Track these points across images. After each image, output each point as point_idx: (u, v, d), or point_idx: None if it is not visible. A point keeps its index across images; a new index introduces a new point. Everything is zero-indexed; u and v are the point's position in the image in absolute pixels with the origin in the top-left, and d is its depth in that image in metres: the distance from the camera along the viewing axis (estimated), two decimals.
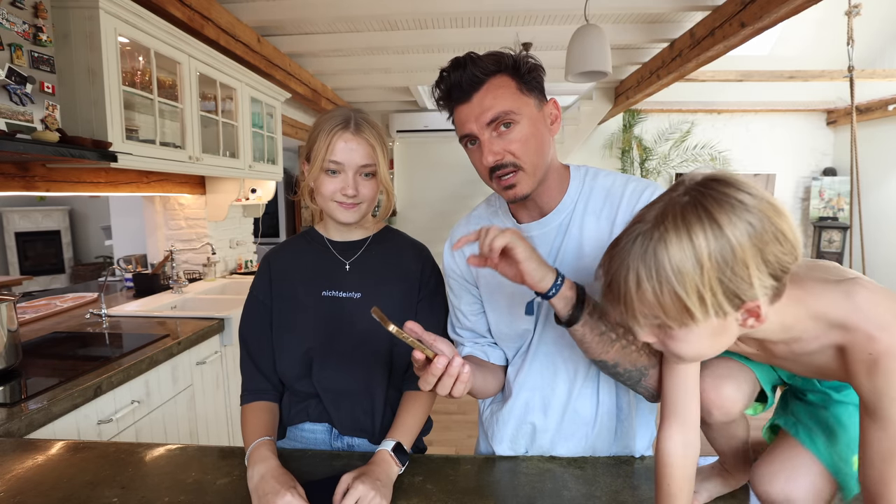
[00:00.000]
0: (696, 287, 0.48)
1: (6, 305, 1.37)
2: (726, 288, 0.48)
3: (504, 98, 0.76)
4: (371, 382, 0.95)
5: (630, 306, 0.52)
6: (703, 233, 0.48)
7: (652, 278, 0.49)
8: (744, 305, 0.50)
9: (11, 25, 1.38)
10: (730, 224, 0.47)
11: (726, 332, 0.54)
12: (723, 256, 0.47)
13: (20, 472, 0.84)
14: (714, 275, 0.48)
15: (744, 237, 0.47)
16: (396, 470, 0.82)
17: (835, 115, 6.31)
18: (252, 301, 1.00)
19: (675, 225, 0.49)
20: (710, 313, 0.49)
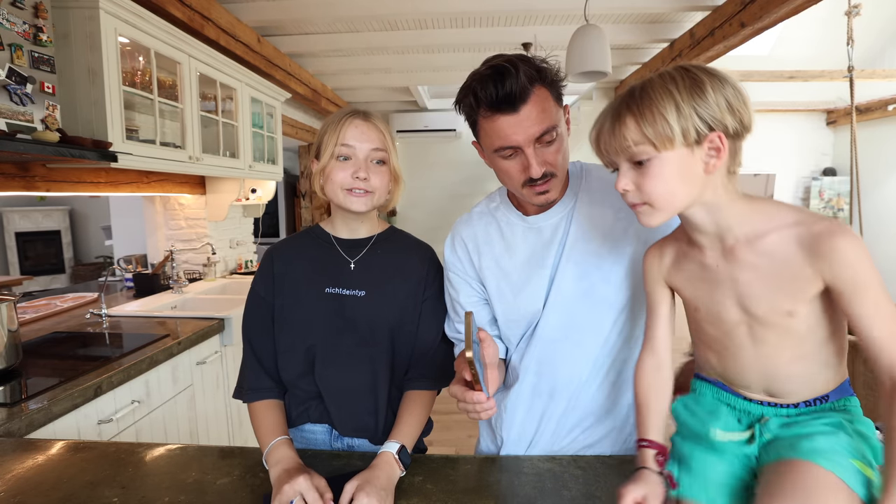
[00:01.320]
0: (676, 108, 0.59)
1: (6, 305, 1.37)
2: (699, 111, 0.59)
3: (548, 112, 0.78)
4: (374, 381, 0.95)
5: (618, 138, 0.62)
6: (681, 75, 0.61)
7: (640, 104, 0.61)
8: (710, 135, 0.60)
9: (12, 25, 1.38)
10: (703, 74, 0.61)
11: (691, 174, 0.62)
12: (697, 89, 0.60)
13: (20, 472, 0.84)
14: (688, 98, 0.59)
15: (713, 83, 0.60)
16: (399, 473, 0.81)
17: (835, 115, 6.32)
18: (254, 298, 0.99)
19: (659, 76, 0.62)
20: (685, 131, 0.59)
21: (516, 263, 0.90)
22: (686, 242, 0.71)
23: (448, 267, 0.98)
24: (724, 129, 0.61)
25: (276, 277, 0.97)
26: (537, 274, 0.88)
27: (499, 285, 0.92)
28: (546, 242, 0.89)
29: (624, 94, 0.64)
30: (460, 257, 0.96)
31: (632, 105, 0.61)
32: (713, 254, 0.67)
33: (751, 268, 0.64)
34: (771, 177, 6.50)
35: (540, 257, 0.89)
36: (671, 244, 0.75)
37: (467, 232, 0.97)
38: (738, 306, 0.66)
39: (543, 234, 0.89)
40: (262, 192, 3.21)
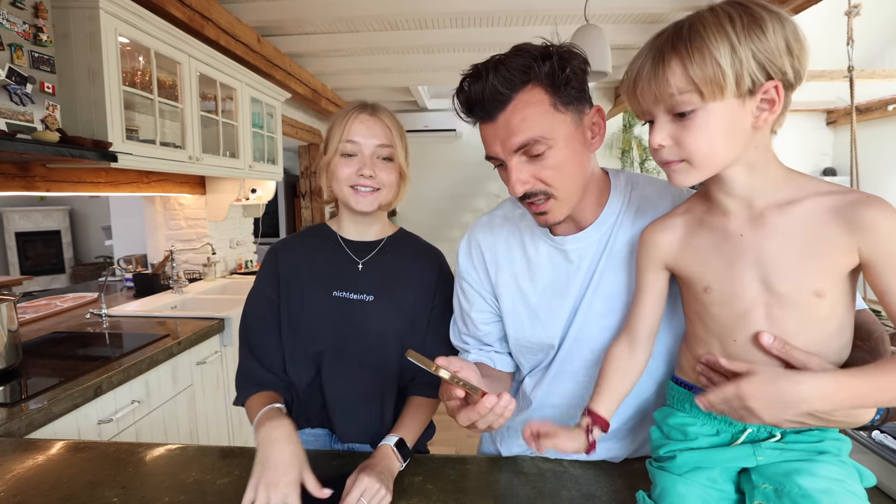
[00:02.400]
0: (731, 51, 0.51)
1: (6, 305, 1.37)
2: (757, 56, 0.51)
3: (534, 120, 0.65)
4: (381, 388, 0.93)
5: (658, 84, 0.53)
6: (739, 13, 0.52)
7: (689, 45, 0.51)
8: (766, 84, 0.52)
9: (12, 25, 1.38)
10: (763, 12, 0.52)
11: (737, 130, 0.54)
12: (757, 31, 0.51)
13: (20, 472, 0.84)
14: (747, 42, 0.51)
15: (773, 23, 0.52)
16: (398, 465, 0.80)
17: (835, 115, 6.32)
18: (257, 296, 0.95)
19: (711, 11, 0.53)
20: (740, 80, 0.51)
21: (537, 287, 0.80)
22: (703, 210, 0.64)
23: (462, 275, 0.88)
24: (782, 78, 0.53)
25: (281, 277, 0.94)
26: (559, 303, 0.78)
27: (514, 307, 0.83)
28: (573, 269, 0.77)
29: (669, 30, 0.54)
30: (476, 266, 0.86)
31: (678, 44, 0.52)
32: (739, 220, 0.60)
33: (781, 236, 0.57)
34: None
35: (563, 285, 0.78)
36: (680, 218, 0.66)
37: (487, 240, 0.86)
38: (759, 281, 0.58)
39: (571, 259, 0.77)
40: (262, 192, 3.21)
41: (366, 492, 0.70)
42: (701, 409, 0.64)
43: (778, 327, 0.58)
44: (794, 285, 0.57)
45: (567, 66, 0.66)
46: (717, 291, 0.61)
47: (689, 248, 0.65)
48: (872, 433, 0.82)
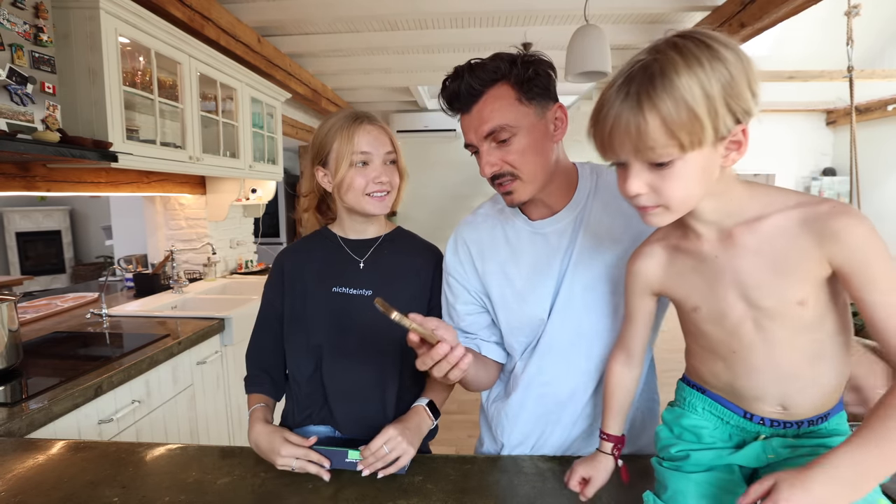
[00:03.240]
0: (707, 100, 0.50)
1: (7, 305, 1.37)
2: (729, 103, 0.51)
3: (501, 111, 0.76)
4: (382, 379, 0.96)
5: (637, 138, 0.52)
6: (706, 56, 0.51)
7: (666, 98, 0.50)
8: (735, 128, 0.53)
9: (12, 26, 1.38)
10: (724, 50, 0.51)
11: (708, 172, 0.55)
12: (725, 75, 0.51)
13: (21, 472, 0.85)
14: (719, 90, 0.51)
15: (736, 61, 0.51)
16: (429, 423, 0.89)
17: (834, 116, 6.32)
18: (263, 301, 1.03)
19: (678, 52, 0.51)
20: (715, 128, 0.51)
21: (521, 270, 0.88)
22: (678, 236, 0.66)
23: (448, 270, 0.95)
24: (746, 118, 0.53)
25: (285, 280, 1.00)
26: (542, 282, 0.86)
27: (503, 293, 0.89)
28: (553, 249, 0.86)
29: (638, 75, 0.52)
30: (462, 261, 0.93)
31: (654, 96, 0.51)
32: (711, 243, 0.61)
33: (753, 254, 0.58)
34: (770, 177, 6.50)
35: (545, 265, 0.86)
36: (658, 244, 0.68)
37: (472, 236, 0.94)
38: (742, 299, 0.60)
39: (550, 241, 0.86)
40: (263, 192, 3.21)
41: (389, 441, 0.80)
42: (713, 412, 0.66)
43: (770, 337, 0.60)
44: (776, 299, 0.58)
45: (531, 68, 0.77)
46: (706, 311, 0.64)
47: (671, 274, 0.67)
48: None
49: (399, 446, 0.81)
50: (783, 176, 6.48)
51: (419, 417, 0.89)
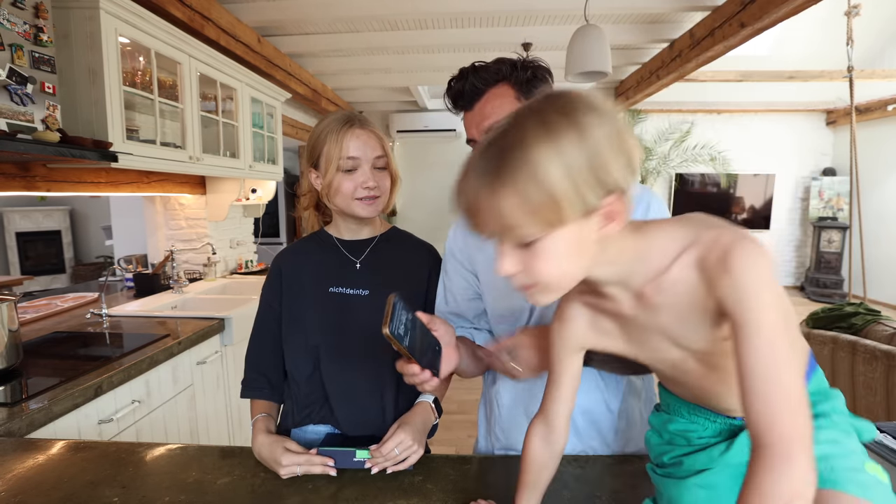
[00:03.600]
0: (567, 176, 0.45)
1: (7, 305, 1.37)
2: (594, 175, 0.46)
3: (501, 108, 0.81)
4: (380, 378, 0.96)
5: (496, 218, 0.48)
6: (565, 126, 0.46)
7: (519, 177, 0.46)
8: (607, 198, 0.48)
9: (12, 26, 1.38)
10: (590, 118, 0.47)
11: (584, 247, 0.51)
12: (587, 147, 0.46)
13: (21, 472, 0.85)
14: (580, 164, 0.46)
15: (602, 128, 0.46)
16: (433, 419, 0.91)
17: (834, 116, 6.32)
18: (261, 303, 1.03)
19: (526, 121, 0.47)
20: (580, 204, 0.47)
21: None
22: (594, 297, 0.62)
23: (447, 252, 0.99)
24: (619, 189, 0.48)
25: (283, 281, 1.00)
26: None
27: (491, 278, 0.93)
28: None
29: (490, 148, 0.48)
30: (458, 245, 0.97)
31: (507, 175, 0.46)
32: (626, 303, 0.57)
33: (667, 310, 0.54)
34: (770, 177, 6.51)
35: None
36: (579, 303, 0.64)
37: None
38: (675, 346, 0.58)
39: None
40: (263, 192, 3.21)
41: (400, 444, 0.82)
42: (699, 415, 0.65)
43: (717, 364, 0.57)
44: (705, 341, 0.55)
45: (529, 71, 0.83)
46: (648, 360, 0.62)
47: (600, 331, 0.63)
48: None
49: (409, 448, 0.83)
50: (783, 176, 6.49)
51: (425, 413, 0.90)
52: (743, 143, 6.40)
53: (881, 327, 1.88)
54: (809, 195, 6.36)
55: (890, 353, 1.66)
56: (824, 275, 6.14)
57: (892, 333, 1.81)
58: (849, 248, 5.56)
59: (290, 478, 0.83)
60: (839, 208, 6.09)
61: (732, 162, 6.21)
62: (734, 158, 6.25)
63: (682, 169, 6.38)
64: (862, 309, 2.04)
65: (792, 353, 0.45)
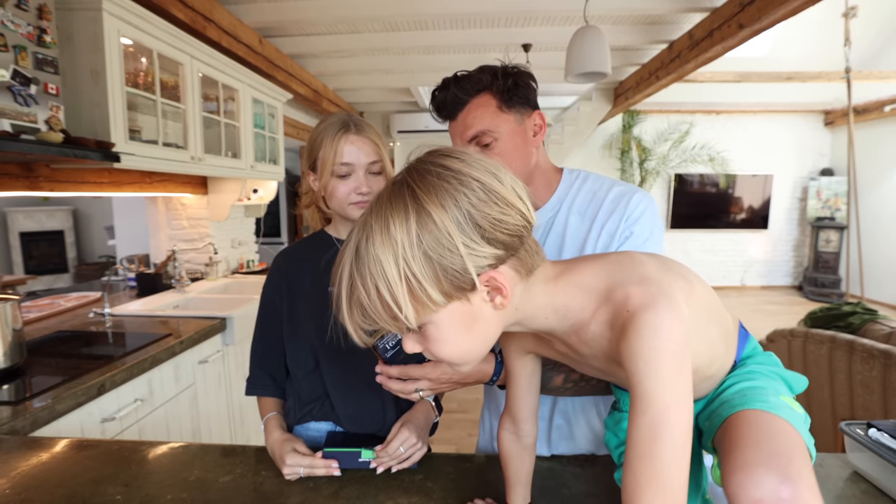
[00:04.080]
0: (404, 277, 0.43)
1: (10, 305, 1.37)
2: (440, 269, 0.43)
3: (483, 118, 0.83)
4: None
5: (366, 315, 0.46)
6: (403, 214, 0.43)
7: (362, 285, 0.44)
8: (479, 278, 0.45)
9: (16, 27, 1.39)
10: (434, 196, 0.44)
11: (480, 319, 0.48)
12: (419, 234, 0.43)
13: (25, 470, 0.85)
14: (416, 256, 0.43)
15: (450, 208, 0.43)
16: (434, 417, 0.93)
17: (832, 116, 6.33)
18: (263, 300, 1.04)
19: (378, 214, 0.45)
20: (433, 303, 0.44)
21: None
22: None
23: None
24: (492, 265, 0.45)
25: (283, 280, 1.01)
26: None
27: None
28: None
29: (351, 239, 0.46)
30: None
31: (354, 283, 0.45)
32: (560, 347, 0.57)
33: (593, 357, 0.54)
34: (769, 177, 6.52)
35: None
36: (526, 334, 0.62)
37: None
38: (611, 377, 0.59)
39: None
40: (264, 192, 3.22)
41: (405, 442, 0.83)
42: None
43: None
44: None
45: (510, 80, 0.83)
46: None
47: (542, 349, 0.62)
48: (869, 431, 0.82)
49: (414, 445, 0.84)
50: (781, 176, 6.50)
51: (427, 411, 0.92)
52: (741, 144, 6.41)
53: (878, 326, 1.89)
54: (807, 195, 6.37)
55: (887, 352, 1.67)
56: (822, 274, 6.15)
57: (889, 332, 1.82)
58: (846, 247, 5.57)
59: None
60: (837, 208, 6.10)
61: (731, 162, 6.22)
62: (733, 159, 6.26)
63: (681, 169, 6.39)
64: (859, 308, 2.05)
65: (675, 438, 0.42)
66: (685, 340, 0.45)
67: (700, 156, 6.24)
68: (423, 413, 0.91)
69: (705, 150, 6.23)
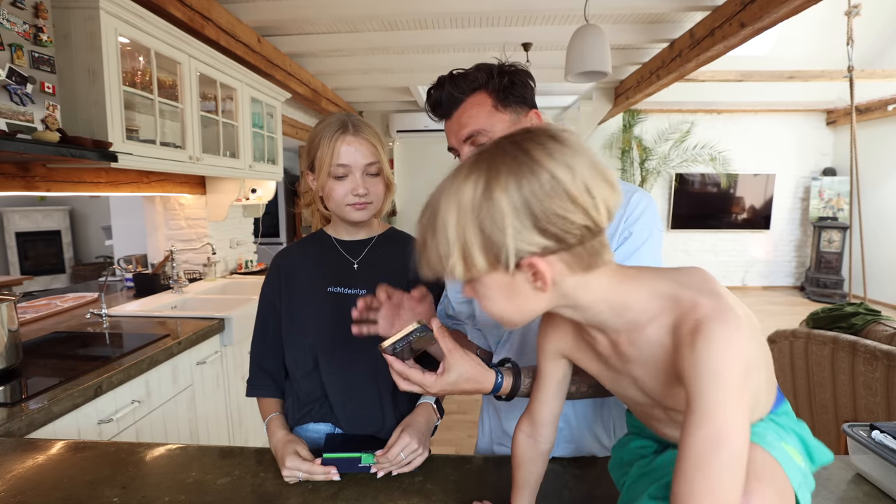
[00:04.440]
0: (459, 238, 0.47)
1: (7, 305, 1.37)
2: (489, 242, 0.47)
3: (478, 117, 0.82)
4: (378, 377, 0.96)
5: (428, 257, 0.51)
6: (474, 182, 0.47)
7: (430, 230, 0.50)
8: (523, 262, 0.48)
9: (12, 25, 1.38)
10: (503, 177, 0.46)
11: (519, 294, 0.51)
12: (481, 204, 0.46)
13: (21, 472, 0.85)
14: (471, 223, 0.47)
15: (511, 192, 0.46)
16: (436, 420, 0.93)
17: (834, 116, 6.32)
18: (261, 300, 1.04)
19: (464, 172, 0.49)
20: (477, 267, 0.48)
21: None
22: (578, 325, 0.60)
23: None
24: (544, 250, 0.47)
25: (282, 280, 1.01)
26: None
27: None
28: None
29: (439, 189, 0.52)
30: None
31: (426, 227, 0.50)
32: (603, 346, 0.57)
33: (641, 365, 0.54)
34: (771, 177, 6.51)
35: None
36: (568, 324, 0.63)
37: None
38: (640, 392, 0.58)
39: None
40: (262, 192, 3.21)
41: (406, 448, 0.83)
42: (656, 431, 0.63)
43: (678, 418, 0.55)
44: (673, 400, 0.54)
45: (506, 78, 0.82)
46: (611, 390, 0.62)
47: (578, 353, 0.63)
48: (872, 433, 0.82)
49: (415, 451, 0.84)
50: (783, 176, 6.49)
51: (428, 415, 0.91)
52: (743, 143, 6.40)
53: (881, 327, 1.88)
54: (809, 195, 6.37)
55: (890, 353, 1.66)
56: (824, 275, 6.14)
57: (892, 333, 1.81)
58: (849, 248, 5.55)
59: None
60: (839, 208, 6.09)
61: (732, 162, 6.21)
62: (734, 158, 6.25)
63: (682, 169, 6.38)
64: (862, 309, 2.04)
65: (734, 454, 0.42)
66: (748, 361, 0.45)
67: (701, 155, 6.23)
68: (425, 417, 0.90)
69: (706, 150, 6.22)
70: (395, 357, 0.70)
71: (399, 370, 0.70)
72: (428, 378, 0.70)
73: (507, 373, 0.76)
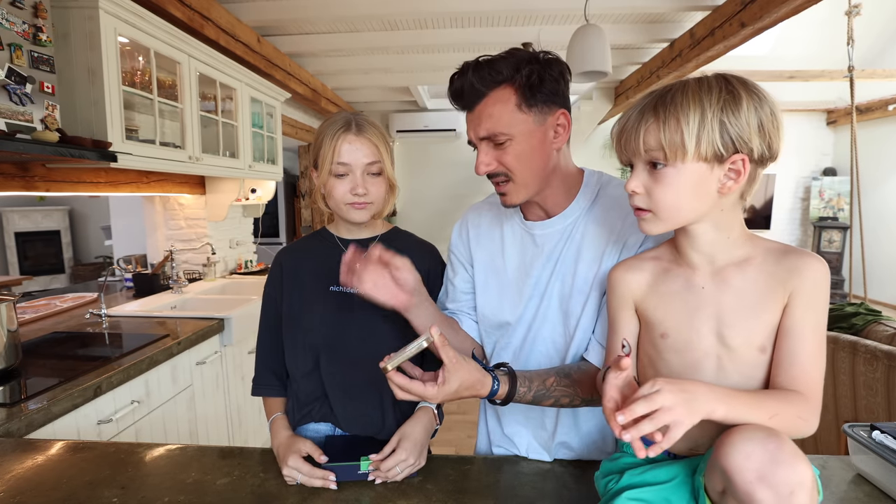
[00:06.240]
0: (698, 123, 0.57)
1: (6, 305, 1.37)
2: (727, 129, 0.57)
3: (499, 118, 0.76)
4: (379, 377, 0.96)
5: (638, 137, 0.60)
6: (719, 91, 0.57)
7: (663, 110, 0.58)
8: (733, 156, 0.58)
9: (11, 25, 1.38)
10: (743, 93, 0.58)
11: (704, 191, 0.60)
12: (731, 102, 0.57)
13: (20, 472, 0.84)
14: (718, 113, 0.57)
15: (753, 108, 0.57)
16: (436, 425, 0.92)
17: (835, 115, 6.32)
18: (265, 298, 1.04)
19: (699, 82, 0.59)
20: (704, 149, 0.57)
21: (508, 265, 0.91)
22: (671, 260, 0.69)
23: (451, 247, 1.01)
24: (750, 153, 0.58)
25: (284, 278, 1.01)
26: (523, 282, 0.88)
27: (487, 280, 0.93)
28: (537, 252, 0.87)
29: (658, 91, 0.61)
30: (462, 239, 0.98)
31: (658, 107, 0.59)
32: (702, 273, 0.65)
33: (737, 291, 0.63)
34: (771, 177, 6.50)
35: (529, 265, 0.88)
36: (649, 262, 0.70)
37: (474, 220, 0.99)
38: (714, 334, 0.63)
39: (536, 243, 0.87)
40: (262, 192, 3.21)
41: (402, 463, 0.82)
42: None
43: (725, 379, 0.63)
44: (743, 339, 0.62)
45: (535, 73, 0.75)
46: (674, 339, 0.66)
47: (654, 293, 0.69)
48: (873, 433, 0.82)
49: (410, 466, 0.83)
50: (783, 176, 6.48)
51: (428, 420, 0.91)
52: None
53: (882, 327, 1.87)
54: (810, 195, 6.36)
55: (891, 354, 1.65)
56: None
57: (892, 334, 1.80)
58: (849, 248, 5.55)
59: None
60: (840, 208, 6.09)
61: None
62: None
63: None
64: (862, 309, 2.04)
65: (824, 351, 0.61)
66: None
67: None
68: (424, 424, 0.89)
69: None
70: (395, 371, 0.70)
71: (400, 384, 0.70)
72: (429, 390, 0.70)
73: (503, 378, 0.76)
